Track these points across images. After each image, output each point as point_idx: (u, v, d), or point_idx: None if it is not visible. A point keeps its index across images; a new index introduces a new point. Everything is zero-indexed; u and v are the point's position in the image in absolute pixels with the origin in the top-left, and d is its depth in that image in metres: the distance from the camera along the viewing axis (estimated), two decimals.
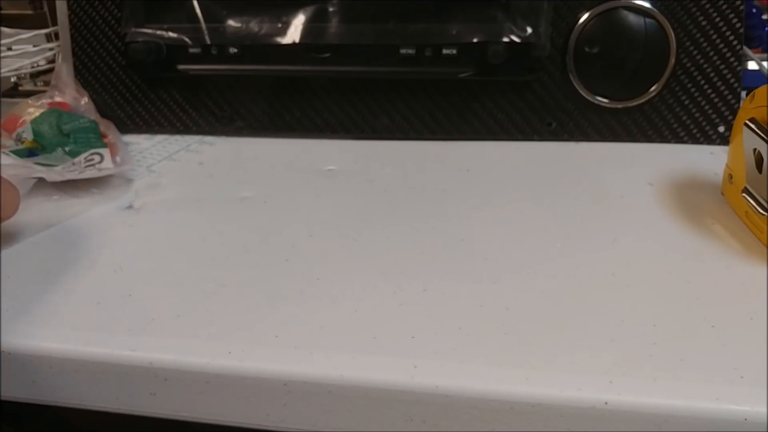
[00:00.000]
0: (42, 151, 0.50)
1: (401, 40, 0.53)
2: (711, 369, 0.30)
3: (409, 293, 0.36)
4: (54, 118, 0.51)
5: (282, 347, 0.32)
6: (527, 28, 0.52)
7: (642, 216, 0.44)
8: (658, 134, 0.55)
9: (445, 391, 0.30)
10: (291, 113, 0.58)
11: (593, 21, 0.53)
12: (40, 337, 0.33)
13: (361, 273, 0.38)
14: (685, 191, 0.47)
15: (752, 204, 0.40)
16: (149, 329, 0.34)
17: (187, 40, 0.55)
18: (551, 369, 0.30)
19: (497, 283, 0.37)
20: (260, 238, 0.42)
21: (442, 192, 0.48)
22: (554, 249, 0.40)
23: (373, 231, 0.42)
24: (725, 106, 0.54)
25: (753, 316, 0.33)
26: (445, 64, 0.53)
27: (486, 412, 0.30)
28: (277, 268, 0.39)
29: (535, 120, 0.56)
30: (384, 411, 0.31)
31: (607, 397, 0.29)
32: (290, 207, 0.46)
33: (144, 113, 0.60)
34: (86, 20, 0.58)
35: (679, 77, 0.54)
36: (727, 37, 0.53)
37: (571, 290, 0.36)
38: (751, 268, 0.38)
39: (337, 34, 0.54)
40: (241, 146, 0.57)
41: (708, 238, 0.41)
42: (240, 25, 0.55)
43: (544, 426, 0.29)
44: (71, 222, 0.44)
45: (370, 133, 0.58)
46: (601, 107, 0.55)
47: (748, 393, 0.28)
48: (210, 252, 0.41)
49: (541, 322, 0.33)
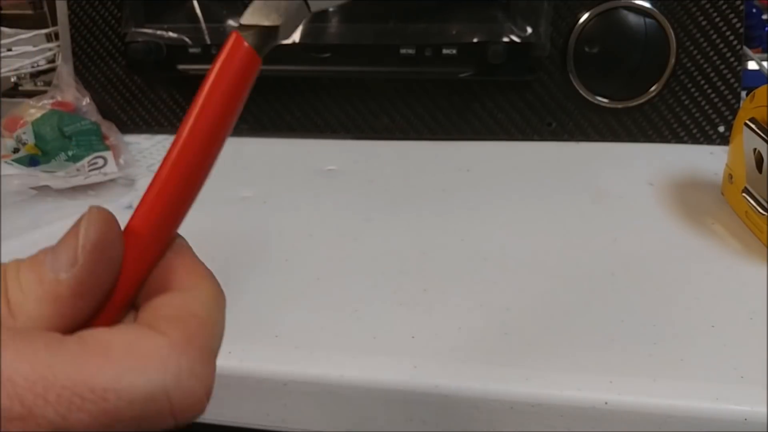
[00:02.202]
0: (43, 157, 0.49)
1: (401, 40, 0.53)
2: (711, 369, 0.30)
3: (409, 293, 0.36)
4: (55, 119, 0.51)
5: (282, 347, 0.32)
6: (527, 28, 0.52)
7: (642, 216, 0.44)
8: (658, 134, 0.55)
9: (445, 391, 0.30)
10: (291, 113, 0.58)
11: (593, 21, 0.53)
12: None
13: (361, 273, 0.38)
14: (685, 191, 0.47)
15: (752, 204, 0.40)
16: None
17: (187, 40, 0.55)
18: (551, 369, 0.30)
19: (497, 283, 0.37)
20: (260, 238, 0.42)
21: (442, 192, 0.48)
22: (554, 249, 0.40)
23: (373, 231, 0.42)
24: (725, 106, 0.54)
25: (753, 316, 0.33)
26: (445, 64, 0.53)
27: (486, 412, 0.30)
28: (278, 268, 0.39)
29: (535, 120, 0.56)
30: (384, 411, 0.31)
31: (607, 396, 0.29)
32: (290, 207, 0.46)
33: (144, 113, 0.60)
34: (86, 20, 0.58)
35: (679, 77, 0.54)
36: (727, 37, 0.53)
37: (571, 290, 0.36)
38: (751, 267, 0.38)
39: (337, 34, 0.54)
40: (241, 146, 0.57)
41: (708, 238, 0.41)
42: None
43: (544, 426, 0.29)
44: (71, 223, 0.44)
45: (370, 133, 0.58)
46: (601, 107, 0.55)
47: (748, 393, 0.28)
48: (210, 252, 0.41)
49: (541, 322, 0.33)
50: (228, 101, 0.20)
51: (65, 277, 0.18)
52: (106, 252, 0.18)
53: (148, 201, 0.19)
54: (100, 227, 0.18)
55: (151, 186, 0.20)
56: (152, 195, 0.19)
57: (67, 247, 0.18)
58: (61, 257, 0.18)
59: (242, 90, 0.20)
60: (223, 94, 0.20)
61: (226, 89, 0.20)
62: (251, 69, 0.20)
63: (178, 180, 0.20)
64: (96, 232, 0.18)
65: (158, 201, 0.19)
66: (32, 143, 0.50)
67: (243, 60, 0.20)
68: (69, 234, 0.18)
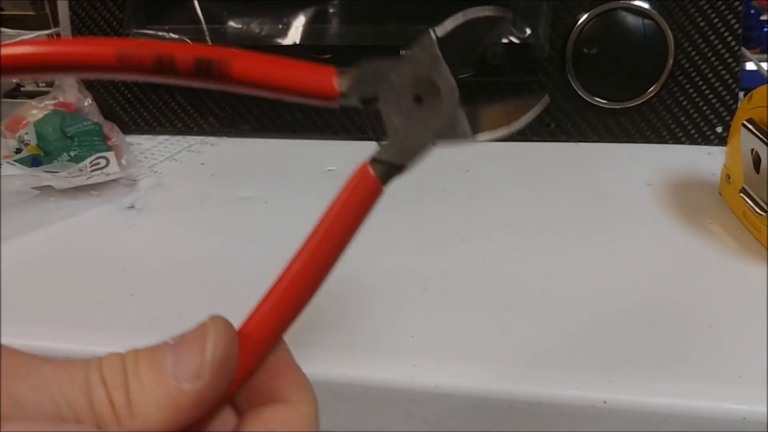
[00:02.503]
0: (46, 158, 0.50)
1: (401, 41, 0.53)
2: (709, 368, 0.30)
3: (409, 293, 0.36)
4: (57, 120, 0.51)
5: None
6: (526, 29, 0.52)
7: (640, 216, 0.44)
8: (656, 135, 0.55)
9: (445, 391, 0.30)
10: (292, 114, 0.59)
11: (592, 22, 0.54)
12: (41, 336, 0.34)
13: (361, 273, 0.38)
14: (683, 191, 0.47)
15: (750, 204, 0.40)
16: (151, 329, 0.34)
17: (188, 41, 0.55)
18: (550, 368, 0.30)
19: (497, 283, 0.37)
20: (261, 238, 0.42)
21: (442, 192, 0.48)
22: (553, 249, 0.40)
23: (373, 231, 0.43)
24: (723, 106, 0.54)
25: (751, 315, 0.34)
26: None
27: (486, 412, 0.30)
28: (278, 267, 0.39)
29: (534, 120, 0.56)
30: (384, 411, 0.31)
31: (606, 396, 0.29)
32: (291, 207, 0.47)
33: (146, 114, 0.60)
34: (88, 21, 0.59)
35: (677, 78, 0.54)
36: (725, 37, 0.53)
37: (570, 290, 0.36)
38: (749, 267, 0.38)
39: (337, 36, 0.54)
40: (242, 147, 0.57)
41: (706, 238, 0.41)
42: (241, 26, 0.55)
43: (543, 425, 0.30)
44: (73, 222, 0.45)
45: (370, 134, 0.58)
46: (599, 108, 0.55)
47: (747, 392, 0.29)
48: (211, 252, 0.41)
49: (541, 322, 0.34)
50: (350, 223, 0.22)
51: (189, 389, 0.18)
52: (229, 367, 0.19)
53: (265, 309, 0.21)
54: (226, 344, 0.19)
55: (269, 294, 0.21)
56: (269, 303, 0.21)
57: (191, 358, 0.18)
58: (185, 367, 0.18)
59: (364, 214, 0.22)
60: (347, 216, 0.22)
61: (350, 213, 0.22)
62: (374, 196, 0.22)
63: (295, 292, 0.21)
64: (223, 350, 0.19)
65: (274, 310, 0.21)
66: (34, 144, 0.50)
67: (369, 188, 0.22)
68: (193, 341, 0.19)
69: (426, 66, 0.22)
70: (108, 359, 0.18)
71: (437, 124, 0.22)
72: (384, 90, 0.22)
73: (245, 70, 0.22)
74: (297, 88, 0.22)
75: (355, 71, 0.22)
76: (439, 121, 0.22)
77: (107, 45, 0.21)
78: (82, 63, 0.21)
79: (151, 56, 0.21)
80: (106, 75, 0.22)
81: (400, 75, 0.22)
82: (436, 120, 0.22)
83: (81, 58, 0.21)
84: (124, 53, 0.21)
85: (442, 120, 0.22)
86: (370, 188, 0.22)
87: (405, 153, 0.22)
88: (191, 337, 0.19)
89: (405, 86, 0.22)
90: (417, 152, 0.22)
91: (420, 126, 0.22)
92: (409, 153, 0.22)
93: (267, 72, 0.22)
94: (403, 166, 0.22)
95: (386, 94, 0.22)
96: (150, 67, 0.21)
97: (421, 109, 0.22)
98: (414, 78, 0.22)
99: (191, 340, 0.18)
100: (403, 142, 0.22)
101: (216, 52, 0.21)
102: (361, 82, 0.22)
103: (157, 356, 0.18)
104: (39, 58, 0.21)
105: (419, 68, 0.22)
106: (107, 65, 0.21)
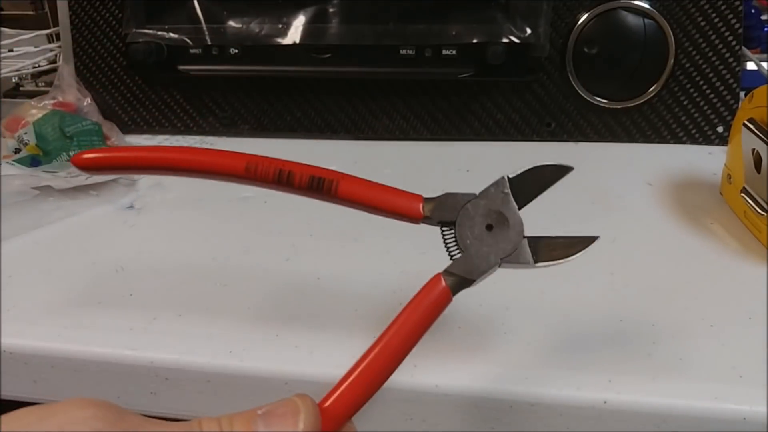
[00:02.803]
0: (45, 158, 0.50)
1: (401, 40, 0.53)
2: (710, 368, 0.30)
3: (409, 293, 0.36)
4: (56, 120, 0.51)
5: (282, 347, 0.32)
6: (527, 28, 0.52)
7: (641, 216, 0.44)
8: (657, 134, 0.55)
9: (445, 391, 0.30)
10: (291, 114, 0.58)
11: (592, 22, 0.53)
12: (41, 336, 0.34)
13: (361, 273, 0.38)
14: (683, 191, 0.47)
15: (751, 204, 0.40)
16: (150, 329, 0.34)
17: (187, 40, 0.55)
18: (550, 368, 0.30)
19: (497, 283, 0.37)
20: (261, 238, 0.42)
21: (442, 192, 0.48)
22: None
23: (373, 231, 0.43)
24: (724, 106, 0.54)
25: (752, 315, 0.33)
26: (444, 64, 0.54)
27: (486, 411, 0.30)
28: (278, 267, 0.39)
29: (534, 120, 0.56)
30: (384, 410, 0.31)
31: (606, 396, 0.29)
32: (291, 207, 0.46)
33: (145, 114, 0.60)
34: (87, 21, 0.59)
35: (678, 78, 0.54)
36: (726, 37, 0.53)
37: (571, 290, 0.36)
38: (749, 267, 0.38)
39: (337, 35, 0.54)
40: (241, 146, 0.57)
41: (707, 238, 0.41)
42: (241, 25, 0.55)
43: (543, 425, 0.30)
44: (73, 222, 0.45)
45: (370, 134, 0.58)
46: (600, 108, 0.55)
47: (747, 392, 0.29)
48: (211, 251, 0.41)
49: (541, 322, 0.34)
50: (420, 324, 0.25)
51: None
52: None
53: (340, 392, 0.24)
54: (315, 421, 0.22)
55: (344, 378, 0.24)
56: (344, 388, 0.24)
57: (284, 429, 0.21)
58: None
59: (433, 317, 0.25)
60: (417, 318, 0.25)
61: (420, 315, 0.25)
62: (443, 303, 0.25)
63: (366, 380, 0.24)
64: (312, 426, 0.21)
65: (347, 394, 0.24)
66: (34, 143, 0.50)
67: (439, 296, 0.25)
68: (285, 415, 0.22)
69: (498, 201, 0.26)
70: (206, 420, 0.21)
71: (504, 249, 0.26)
72: (462, 217, 0.26)
73: (350, 191, 0.27)
74: (390, 209, 0.27)
75: (437, 199, 0.27)
76: (506, 247, 0.26)
77: (238, 158, 0.26)
78: (216, 170, 0.27)
79: (274, 171, 0.26)
80: (233, 182, 0.27)
81: (476, 206, 0.26)
82: (503, 246, 0.26)
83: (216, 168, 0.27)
84: (252, 166, 0.26)
85: (509, 247, 0.26)
86: (440, 295, 0.25)
87: (475, 270, 0.26)
88: (282, 411, 0.22)
89: (479, 215, 0.26)
90: (485, 271, 0.26)
91: (489, 249, 0.26)
92: (478, 271, 0.26)
93: (367, 194, 0.27)
94: (472, 280, 0.26)
95: (463, 221, 0.26)
96: (270, 179, 0.26)
97: (491, 236, 0.26)
98: (487, 210, 0.26)
99: (283, 414, 0.22)
100: (474, 261, 0.26)
101: (327, 174, 0.26)
102: (441, 209, 0.27)
103: (249, 420, 0.21)
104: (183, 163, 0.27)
105: (492, 203, 0.26)
106: (236, 174, 0.26)
